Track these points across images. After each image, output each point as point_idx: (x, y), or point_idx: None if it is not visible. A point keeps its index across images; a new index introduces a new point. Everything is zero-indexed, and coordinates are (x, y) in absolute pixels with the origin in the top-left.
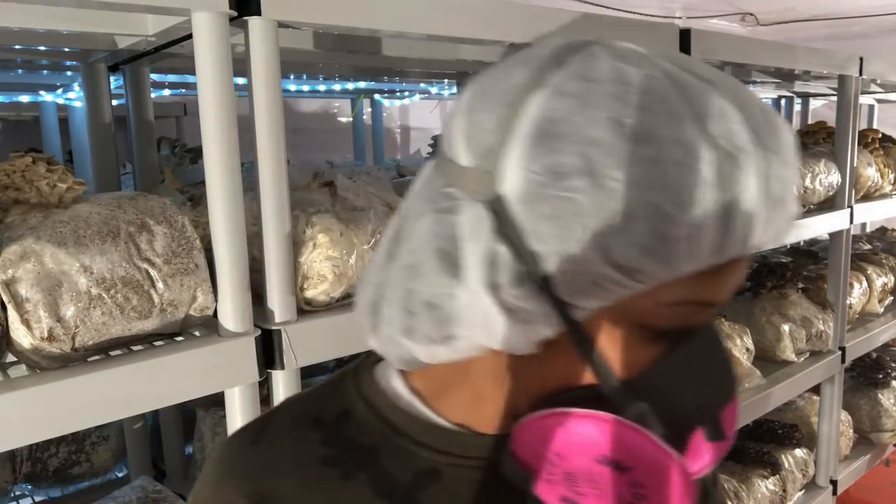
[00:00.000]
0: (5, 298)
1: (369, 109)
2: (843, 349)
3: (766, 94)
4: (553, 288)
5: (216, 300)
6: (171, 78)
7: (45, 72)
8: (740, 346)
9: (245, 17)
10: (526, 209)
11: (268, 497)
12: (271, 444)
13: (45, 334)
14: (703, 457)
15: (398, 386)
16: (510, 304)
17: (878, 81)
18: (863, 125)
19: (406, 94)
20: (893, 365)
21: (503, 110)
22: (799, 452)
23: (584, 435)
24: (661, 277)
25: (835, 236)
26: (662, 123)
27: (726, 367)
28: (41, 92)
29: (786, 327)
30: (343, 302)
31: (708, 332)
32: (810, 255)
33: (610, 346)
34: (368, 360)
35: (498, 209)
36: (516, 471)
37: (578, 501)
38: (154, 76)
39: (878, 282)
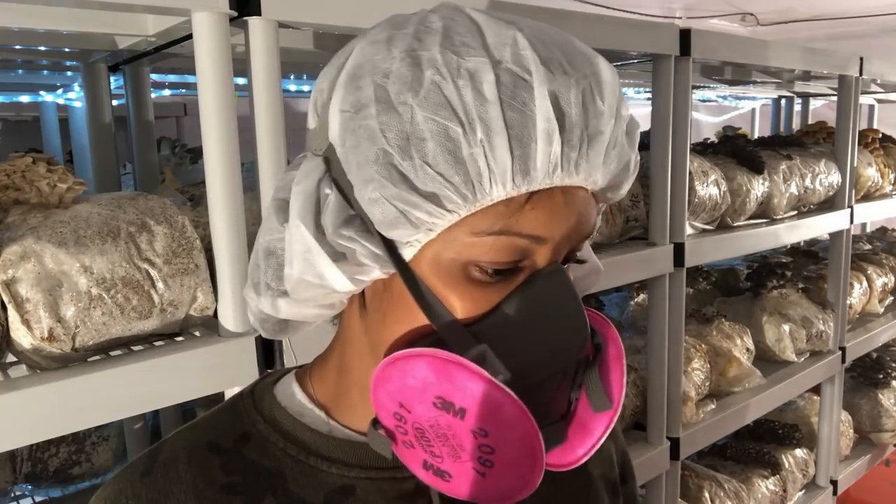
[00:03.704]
0: (5, 298)
1: None
2: (843, 349)
3: (766, 94)
4: (373, 225)
5: (216, 300)
6: (171, 78)
7: (45, 72)
8: (740, 346)
9: (245, 17)
10: (341, 147)
11: None
12: (165, 472)
13: (46, 334)
14: (593, 431)
15: (301, 400)
16: (339, 246)
17: (878, 81)
18: (863, 125)
19: None
20: (893, 365)
21: (333, 70)
22: (799, 452)
23: (417, 377)
24: (465, 202)
25: (835, 236)
26: (450, 53)
27: (577, 314)
28: (41, 92)
29: (786, 327)
30: None
31: (554, 279)
32: (810, 255)
33: (443, 284)
34: (266, 381)
35: (329, 156)
36: (380, 439)
37: (437, 466)
38: (154, 76)
39: (879, 282)
